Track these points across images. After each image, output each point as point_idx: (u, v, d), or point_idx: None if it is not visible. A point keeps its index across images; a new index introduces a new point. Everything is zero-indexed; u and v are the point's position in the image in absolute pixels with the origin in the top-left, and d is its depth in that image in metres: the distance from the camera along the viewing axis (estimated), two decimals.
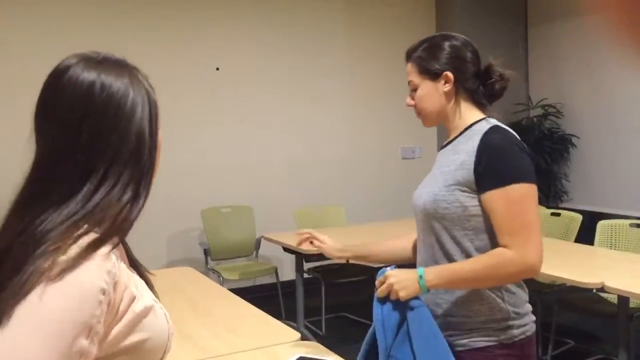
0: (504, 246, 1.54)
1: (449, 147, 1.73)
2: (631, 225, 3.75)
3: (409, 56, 1.75)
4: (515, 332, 1.62)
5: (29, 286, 0.79)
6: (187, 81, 5.07)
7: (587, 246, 3.69)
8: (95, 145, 0.89)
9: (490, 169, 1.56)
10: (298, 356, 1.91)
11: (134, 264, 1.02)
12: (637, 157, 5.16)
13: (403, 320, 1.55)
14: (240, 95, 5.34)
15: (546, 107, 5.81)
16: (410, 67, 1.73)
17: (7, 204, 0.89)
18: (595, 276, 2.88)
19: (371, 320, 1.60)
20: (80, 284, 0.81)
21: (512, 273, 1.55)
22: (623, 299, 2.97)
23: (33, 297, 0.79)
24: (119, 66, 0.94)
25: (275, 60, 5.46)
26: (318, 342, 2.17)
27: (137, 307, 0.90)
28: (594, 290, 3.43)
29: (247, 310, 2.47)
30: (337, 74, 5.74)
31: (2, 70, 4.50)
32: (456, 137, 1.71)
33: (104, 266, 0.84)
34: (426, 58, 1.70)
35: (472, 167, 1.59)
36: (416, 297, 1.57)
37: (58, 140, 0.89)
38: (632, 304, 3.13)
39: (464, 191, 1.61)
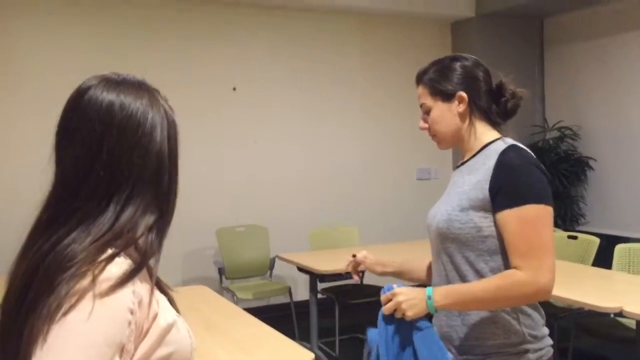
0: (516, 267, 1.51)
1: (463, 167, 1.71)
2: None
3: (419, 79, 1.73)
4: (532, 356, 1.58)
5: (66, 307, 0.81)
6: (204, 101, 5.12)
7: (605, 270, 3.65)
8: (116, 164, 0.91)
9: (506, 188, 1.53)
10: None
11: (155, 281, 1.03)
12: None
13: (409, 341, 1.51)
14: (256, 116, 5.37)
15: (562, 130, 5.78)
16: (421, 89, 1.72)
17: (20, 219, 0.90)
18: (613, 301, 2.84)
19: None
20: (114, 306, 0.83)
21: (523, 295, 1.52)
22: None
23: (71, 319, 0.80)
24: (139, 87, 0.97)
25: (291, 81, 5.50)
26: None
27: (160, 323, 0.92)
28: (612, 315, 3.38)
29: (262, 330, 2.47)
30: (352, 96, 5.77)
31: (11, 88, 4.58)
32: (471, 157, 1.68)
33: (130, 287, 0.86)
34: (438, 79, 1.68)
35: (487, 186, 1.56)
36: (425, 318, 1.53)
37: (80, 159, 0.91)
38: None
39: (478, 212, 1.58)
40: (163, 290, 1.02)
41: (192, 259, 5.13)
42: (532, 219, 1.51)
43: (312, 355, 2.13)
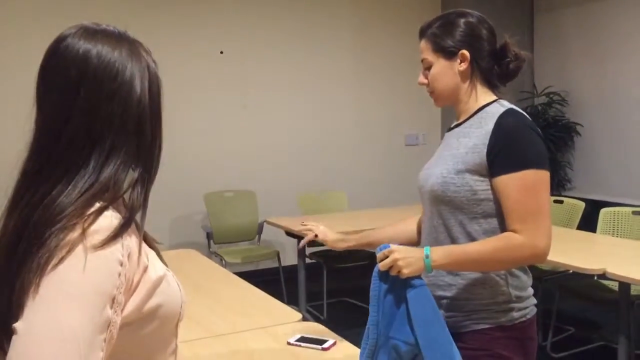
0: (514, 231, 1.51)
1: (458, 129, 1.68)
2: (634, 212, 3.75)
3: (422, 33, 1.68)
4: (516, 314, 1.61)
5: (56, 259, 0.81)
6: (191, 65, 5.06)
7: (590, 233, 3.70)
8: (95, 112, 0.90)
9: (505, 153, 1.53)
10: (299, 336, 1.92)
11: (143, 235, 1.04)
12: None
13: (402, 299, 1.51)
14: (244, 80, 5.33)
15: (551, 95, 5.78)
16: (423, 44, 1.67)
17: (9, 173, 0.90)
18: (597, 263, 2.89)
19: None
20: (104, 258, 0.83)
21: (520, 257, 1.53)
22: (624, 286, 2.98)
23: (62, 270, 0.81)
24: (118, 37, 0.95)
25: (279, 46, 5.44)
26: None
27: (150, 275, 0.92)
28: (596, 277, 3.44)
29: (250, 292, 2.49)
30: (341, 60, 5.72)
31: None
32: (467, 119, 1.66)
33: (119, 239, 0.86)
34: (441, 35, 1.64)
35: (484, 150, 1.55)
36: (418, 277, 1.52)
37: (57, 106, 0.90)
38: (634, 290, 3.13)
39: (474, 175, 1.57)
40: (151, 245, 1.03)
41: (180, 224, 5.14)
42: (531, 184, 1.52)
43: (300, 315, 2.15)
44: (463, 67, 1.64)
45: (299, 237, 4.18)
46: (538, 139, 1.56)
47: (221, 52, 5.22)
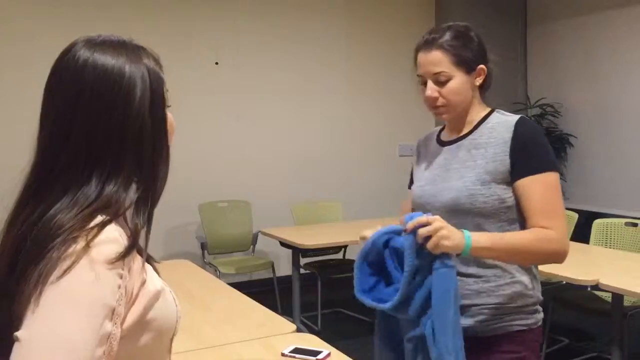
0: (543, 227, 1.53)
1: (463, 141, 1.68)
2: (626, 224, 3.77)
3: (433, 43, 1.63)
4: (539, 316, 1.66)
5: (58, 271, 0.81)
6: (186, 75, 5.07)
7: (583, 244, 3.71)
8: (94, 127, 0.90)
9: (528, 157, 1.56)
10: (293, 347, 1.92)
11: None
12: (634, 158, 5.17)
13: (424, 276, 1.41)
14: (239, 91, 5.34)
15: (544, 107, 5.82)
16: (440, 55, 1.61)
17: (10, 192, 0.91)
18: (590, 274, 2.90)
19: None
20: (106, 270, 0.84)
21: (552, 251, 1.54)
22: (617, 297, 2.99)
23: (63, 282, 0.81)
24: (117, 46, 0.95)
25: (274, 56, 5.46)
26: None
27: (149, 289, 0.93)
28: (589, 288, 3.45)
29: (244, 303, 2.48)
30: (335, 71, 5.74)
31: (6, 62, 4.50)
32: (471, 132, 1.67)
33: (119, 252, 0.87)
34: (461, 48, 1.62)
35: (507, 157, 1.58)
36: (448, 256, 1.41)
37: (57, 123, 0.90)
38: (627, 302, 3.14)
39: (500, 184, 1.59)
40: (147, 261, 1.03)
41: (174, 234, 5.13)
42: (553, 185, 1.57)
43: (294, 326, 2.15)
44: (479, 81, 1.65)
45: (293, 248, 4.18)
46: (550, 145, 1.62)
47: (216, 63, 5.24)
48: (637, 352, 3.56)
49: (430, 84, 1.64)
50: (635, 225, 3.71)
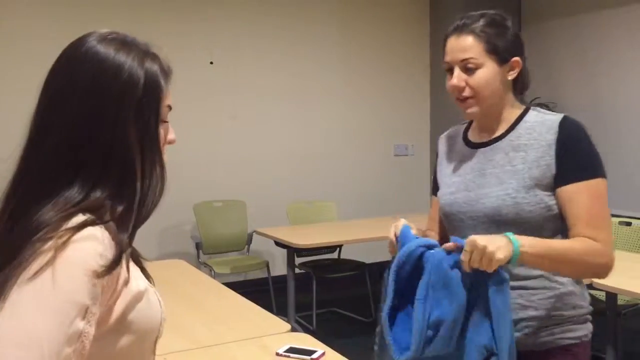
0: (588, 238, 1.41)
1: (499, 143, 1.53)
2: (620, 223, 3.78)
3: (465, 28, 1.50)
4: (589, 326, 1.56)
5: (29, 268, 0.81)
6: (181, 74, 5.03)
7: None
8: (76, 129, 0.88)
9: (575, 162, 1.44)
10: (288, 346, 1.92)
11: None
12: (628, 157, 5.19)
13: (482, 295, 1.32)
14: (233, 90, 5.33)
15: (539, 106, 5.82)
16: (472, 41, 1.47)
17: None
18: None
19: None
20: (79, 267, 0.83)
21: (598, 265, 1.42)
22: (611, 296, 3.00)
23: (34, 279, 0.80)
24: (123, 44, 0.93)
25: (269, 56, 5.45)
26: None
27: (132, 289, 0.91)
28: None
29: (238, 303, 2.48)
30: (331, 70, 5.74)
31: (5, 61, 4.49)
32: (507, 132, 1.53)
33: (97, 249, 0.85)
34: (495, 36, 1.48)
35: (552, 161, 1.45)
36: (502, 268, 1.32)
37: (43, 113, 0.90)
38: (620, 300, 3.15)
39: (545, 190, 1.46)
40: (136, 260, 1.02)
41: (169, 234, 5.12)
42: (600, 193, 1.45)
43: (289, 326, 2.15)
44: (513, 75, 1.51)
45: (288, 247, 4.18)
46: (596, 147, 1.49)
47: (211, 63, 5.23)
48: (631, 351, 3.56)
49: (457, 71, 1.49)
50: (629, 224, 3.72)
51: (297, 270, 4.35)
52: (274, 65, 5.48)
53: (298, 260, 4.51)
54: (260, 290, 4.50)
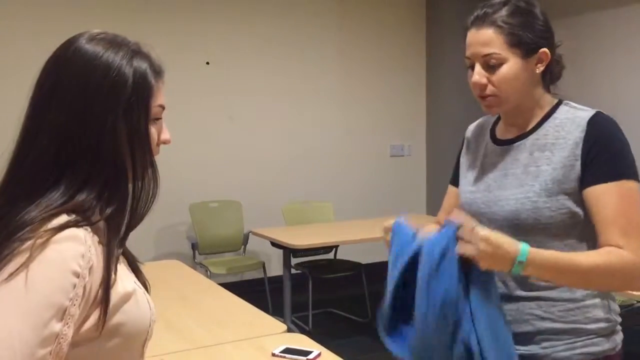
0: (617, 246, 1.26)
1: (525, 141, 1.41)
2: None
3: (485, 19, 1.36)
4: (618, 339, 1.42)
5: (5, 270, 0.81)
6: (177, 75, 5.05)
7: None
8: (64, 129, 0.87)
9: (603, 161, 1.30)
10: (284, 347, 1.92)
11: (124, 252, 1.02)
12: None
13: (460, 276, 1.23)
14: (230, 91, 5.33)
15: None
16: (492, 34, 1.33)
17: None
18: None
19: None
20: (56, 269, 0.82)
21: (631, 277, 1.27)
22: None
23: (13, 279, 0.80)
24: (112, 43, 0.93)
25: (266, 56, 5.45)
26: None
27: (117, 291, 0.90)
28: None
29: (234, 303, 2.48)
30: (327, 71, 5.74)
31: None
32: (534, 129, 1.40)
33: (78, 250, 0.84)
34: (518, 26, 1.34)
35: (578, 162, 1.31)
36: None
37: (31, 114, 0.90)
38: (618, 301, 3.15)
39: (571, 195, 1.32)
40: (132, 263, 1.01)
41: (165, 235, 5.11)
42: (631, 196, 1.30)
43: (285, 327, 2.15)
44: (541, 68, 1.38)
45: (284, 248, 4.18)
46: (629, 147, 1.34)
47: (207, 63, 5.22)
48: (627, 351, 3.57)
49: (477, 67, 1.36)
50: None
51: (293, 271, 4.35)
52: (270, 65, 5.48)
53: (294, 261, 4.51)
54: (257, 291, 4.50)
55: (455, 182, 1.61)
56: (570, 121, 1.37)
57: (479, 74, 1.35)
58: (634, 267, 1.26)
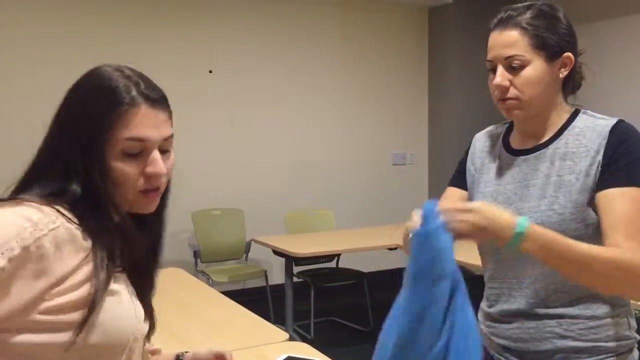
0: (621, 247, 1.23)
1: (542, 151, 1.37)
2: None
3: (509, 21, 1.34)
4: (635, 355, 1.38)
5: None
6: (180, 83, 5.07)
7: None
8: (61, 135, 1.00)
9: (624, 165, 1.26)
10: (286, 356, 1.91)
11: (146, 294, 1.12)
12: None
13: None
14: (232, 98, 5.34)
15: None
16: (517, 36, 1.31)
17: None
18: None
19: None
20: (7, 214, 0.89)
21: (635, 277, 1.20)
22: None
23: None
24: (118, 69, 1.07)
25: (268, 64, 5.47)
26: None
27: (82, 287, 0.93)
28: None
29: (236, 311, 2.47)
30: (329, 79, 5.76)
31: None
32: (554, 138, 1.37)
33: (36, 214, 0.91)
34: (543, 28, 1.31)
35: (599, 169, 1.29)
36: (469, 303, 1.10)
37: (52, 124, 1.03)
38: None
39: (592, 205, 1.29)
40: (144, 271, 1.10)
41: (167, 242, 5.01)
42: None
43: (287, 335, 2.14)
44: (564, 73, 1.34)
45: (286, 256, 4.18)
46: None
47: (210, 72, 5.24)
48: None
49: (500, 69, 1.33)
50: None
51: (295, 279, 4.35)
52: (273, 74, 5.49)
53: (296, 269, 4.50)
54: (258, 299, 4.49)
55: (457, 183, 1.56)
56: (591, 130, 1.33)
57: (501, 76, 1.32)
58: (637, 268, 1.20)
